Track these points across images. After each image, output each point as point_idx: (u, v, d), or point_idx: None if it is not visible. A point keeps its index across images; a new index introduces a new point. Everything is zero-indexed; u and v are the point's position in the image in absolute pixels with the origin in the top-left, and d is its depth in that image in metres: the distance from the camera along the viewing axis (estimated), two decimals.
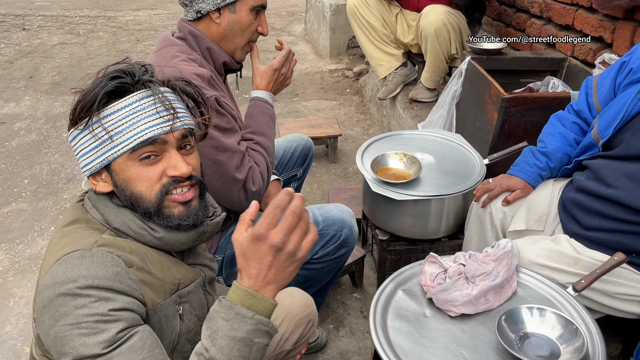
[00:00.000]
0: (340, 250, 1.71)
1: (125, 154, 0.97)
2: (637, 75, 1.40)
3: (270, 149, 1.63)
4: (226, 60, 1.61)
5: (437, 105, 2.61)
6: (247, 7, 1.54)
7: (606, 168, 1.44)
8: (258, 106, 1.65)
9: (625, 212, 1.37)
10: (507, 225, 1.68)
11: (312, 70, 4.87)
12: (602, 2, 2.07)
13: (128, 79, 0.98)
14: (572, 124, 1.67)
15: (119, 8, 7.18)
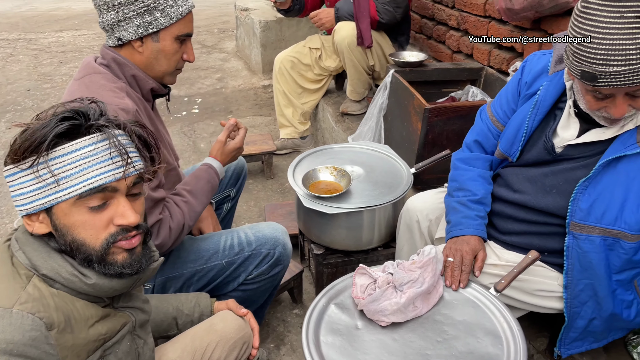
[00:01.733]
0: (274, 268, 1.71)
1: (71, 199, 0.92)
2: (531, 89, 1.48)
3: (194, 215, 1.57)
4: (154, 87, 1.56)
5: (366, 118, 2.68)
6: (171, 36, 1.50)
7: (512, 174, 1.52)
8: (208, 173, 1.65)
9: (532, 214, 1.45)
10: (434, 232, 1.74)
11: (245, 86, 4.86)
12: (510, 15, 2.21)
13: (82, 120, 0.93)
14: (481, 162, 1.63)
15: (41, 30, 6.89)
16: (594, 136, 1.32)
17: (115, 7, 1.43)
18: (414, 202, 1.81)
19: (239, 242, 1.67)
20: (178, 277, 1.62)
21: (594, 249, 1.31)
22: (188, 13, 1.52)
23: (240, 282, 1.68)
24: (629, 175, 1.26)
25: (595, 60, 1.12)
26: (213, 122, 4.11)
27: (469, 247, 1.44)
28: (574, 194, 1.33)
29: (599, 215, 1.29)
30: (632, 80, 1.11)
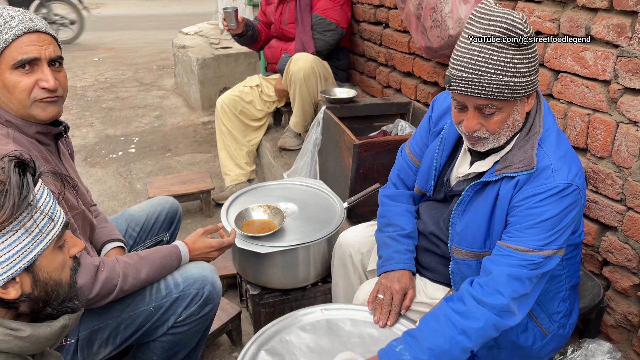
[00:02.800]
0: (204, 308, 1.67)
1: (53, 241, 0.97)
2: (438, 127, 1.57)
3: (133, 280, 1.52)
4: (39, 130, 1.46)
5: (301, 153, 2.71)
6: (7, 67, 1.36)
7: (425, 208, 1.61)
8: (168, 250, 1.62)
9: (436, 245, 1.54)
10: (366, 265, 1.77)
11: (184, 123, 4.82)
12: (430, 53, 2.32)
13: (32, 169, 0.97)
14: (406, 198, 1.68)
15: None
16: (475, 168, 1.41)
17: None
18: (345, 237, 1.83)
19: (165, 285, 1.63)
20: (104, 328, 1.55)
21: (472, 273, 1.39)
22: (16, 38, 1.36)
23: (170, 326, 1.63)
24: (490, 201, 1.35)
25: (454, 65, 1.24)
26: (151, 162, 4.03)
27: (399, 286, 1.48)
28: (451, 218, 1.42)
29: (470, 239, 1.38)
30: (475, 89, 1.21)
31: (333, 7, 3.04)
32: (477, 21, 1.22)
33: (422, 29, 2.24)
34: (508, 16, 1.18)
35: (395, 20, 2.86)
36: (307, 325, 1.46)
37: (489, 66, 1.19)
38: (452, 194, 1.48)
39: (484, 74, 1.19)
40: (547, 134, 1.31)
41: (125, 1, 12.61)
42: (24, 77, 1.37)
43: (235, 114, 3.35)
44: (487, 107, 1.24)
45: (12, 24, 1.35)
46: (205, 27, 6.27)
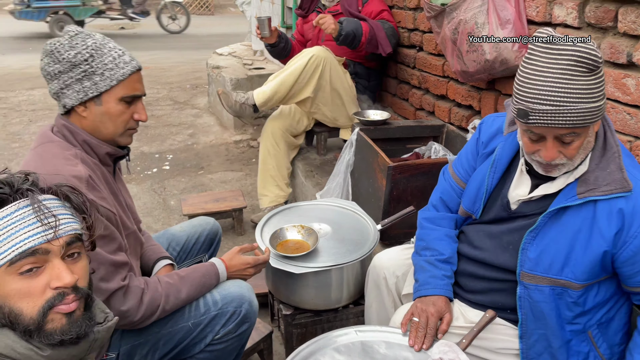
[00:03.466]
0: (241, 326, 1.69)
1: (2, 267, 0.91)
2: (488, 149, 1.57)
3: (174, 300, 1.57)
4: (109, 151, 1.57)
5: (334, 174, 2.73)
6: (115, 98, 1.50)
7: (474, 232, 1.57)
8: (206, 268, 1.67)
9: (492, 271, 1.50)
10: (401, 288, 1.76)
11: (217, 142, 4.91)
12: (465, 77, 2.33)
13: (6, 189, 0.95)
14: (447, 221, 1.66)
15: (11, 88, 6.89)
16: (542, 191, 1.39)
17: (57, 76, 1.46)
18: (380, 259, 1.83)
19: (204, 303, 1.66)
20: (144, 344, 1.59)
21: (544, 299, 1.36)
22: (131, 74, 1.52)
23: (207, 343, 1.66)
24: (573, 227, 1.33)
25: (528, 98, 1.22)
26: (184, 179, 4.12)
27: (434, 309, 1.46)
28: (522, 244, 1.39)
29: (546, 265, 1.35)
30: (559, 121, 1.20)
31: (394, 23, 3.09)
32: (543, 52, 1.21)
33: (458, 53, 2.25)
34: (581, 46, 1.18)
35: (430, 43, 2.88)
36: (341, 346, 1.46)
37: (569, 96, 1.19)
38: (514, 216, 1.46)
39: (565, 104, 1.19)
40: (623, 157, 1.31)
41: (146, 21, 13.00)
42: (126, 109, 1.54)
43: (282, 131, 3.32)
44: (568, 135, 1.24)
45: (125, 59, 1.51)
46: (238, 47, 6.42)
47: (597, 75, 1.21)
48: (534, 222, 1.39)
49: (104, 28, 13.20)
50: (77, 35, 1.48)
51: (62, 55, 1.45)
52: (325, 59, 3.00)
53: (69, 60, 1.45)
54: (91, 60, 1.46)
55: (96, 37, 1.50)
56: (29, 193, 0.96)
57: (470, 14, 2.11)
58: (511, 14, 2.05)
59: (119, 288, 1.43)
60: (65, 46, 1.45)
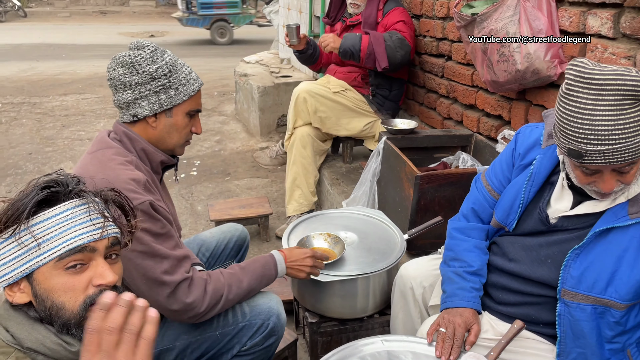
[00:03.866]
0: (268, 339, 1.70)
1: (51, 262, 0.96)
2: (525, 161, 1.53)
3: (236, 290, 1.60)
4: (163, 159, 1.64)
5: (360, 182, 2.73)
6: (183, 111, 1.60)
7: (508, 243, 1.54)
8: (265, 259, 1.71)
9: (527, 284, 1.47)
10: (428, 299, 1.75)
11: (243, 149, 4.96)
12: (495, 86, 2.31)
13: (60, 188, 1.00)
14: (478, 232, 1.64)
15: (45, 94, 7.09)
16: (587, 208, 1.36)
17: (132, 87, 1.53)
18: (407, 269, 1.82)
19: (233, 313, 1.67)
20: (171, 350, 1.61)
21: (586, 318, 1.32)
22: (198, 91, 1.63)
23: (233, 354, 1.67)
24: (620, 246, 1.29)
25: (580, 139, 1.18)
26: (211, 184, 4.17)
27: (461, 320, 1.44)
28: (565, 261, 1.36)
29: (590, 283, 1.31)
30: (617, 158, 1.17)
31: (409, 34, 3.08)
32: (585, 87, 1.16)
33: (488, 63, 2.24)
34: (624, 76, 1.13)
35: (459, 53, 2.87)
36: (367, 356, 1.45)
37: (623, 132, 1.15)
38: (553, 230, 1.44)
39: (621, 142, 1.15)
40: None
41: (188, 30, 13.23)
42: (189, 122, 1.64)
43: (312, 137, 3.34)
44: (625, 167, 1.21)
45: (194, 76, 1.63)
46: (266, 56, 6.49)
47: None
48: (577, 237, 1.37)
49: (134, 36, 13.50)
50: (157, 50, 1.56)
51: (143, 68, 1.52)
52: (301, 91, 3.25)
53: (149, 73, 1.52)
54: (169, 75, 1.55)
55: (169, 53, 1.60)
56: (83, 193, 1.02)
57: (502, 23, 2.09)
58: (543, 24, 2.03)
59: (184, 280, 1.48)
60: (147, 60, 1.52)
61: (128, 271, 1.45)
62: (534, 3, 2.06)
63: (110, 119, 5.97)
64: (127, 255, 1.41)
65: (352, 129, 3.34)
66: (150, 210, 1.45)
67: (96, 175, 1.42)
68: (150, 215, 1.45)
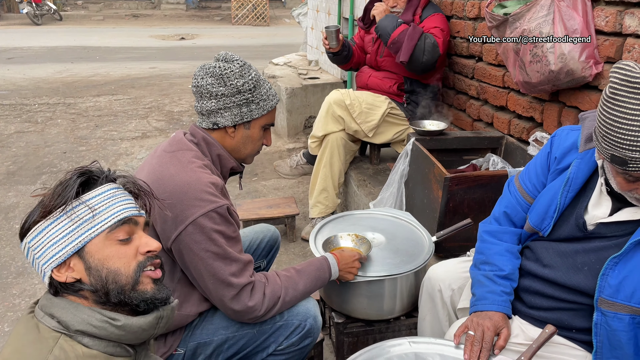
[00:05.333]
0: (304, 340, 1.71)
1: (103, 233, 1.05)
2: (561, 165, 1.50)
3: (293, 292, 1.66)
4: (234, 166, 1.71)
5: (387, 184, 2.72)
6: (260, 125, 1.68)
7: (542, 249, 1.51)
8: (320, 262, 1.77)
9: (561, 291, 1.43)
10: (457, 302, 1.73)
11: (270, 149, 5.00)
12: (527, 87, 2.27)
13: (96, 174, 1.11)
14: (510, 236, 1.61)
15: (80, 95, 7.28)
16: (627, 215, 1.33)
17: (217, 97, 1.59)
18: (435, 271, 1.81)
19: None
20: (209, 343, 1.63)
21: (623, 328, 1.29)
22: (275, 107, 1.72)
23: (269, 353, 1.69)
24: None
25: (625, 146, 1.15)
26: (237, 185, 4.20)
27: (491, 323, 1.42)
28: (603, 269, 1.32)
29: (628, 293, 1.28)
30: None
31: (443, 40, 3.03)
32: (631, 92, 1.13)
33: (521, 64, 2.20)
34: None
35: (490, 53, 2.83)
36: (394, 357, 1.44)
37: None
38: (590, 237, 1.40)
39: None
40: None
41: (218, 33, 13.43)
42: (262, 135, 1.74)
43: (345, 140, 3.33)
44: None
45: (273, 92, 1.71)
46: (293, 58, 6.52)
47: None
48: (615, 245, 1.33)
49: (165, 38, 13.76)
50: (245, 65, 1.63)
51: (231, 82, 1.59)
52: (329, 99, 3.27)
53: (236, 86, 1.59)
54: (254, 90, 1.62)
55: (255, 69, 1.67)
56: (117, 178, 1.14)
57: (535, 23, 2.06)
58: (578, 24, 1.99)
59: (248, 283, 1.55)
60: (236, 74, 1.59)
61: (198, 270, 1.52)
62: (569, 3, 2.02)
63: (141, 119, 6.09)
64: (200, 254, 1.49)
65: (383, 138, 3.32)
66: (227, 214, 1.53)
67: (177, 175, 1.52)
68: (226, 219, 1.53)
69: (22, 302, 2.78)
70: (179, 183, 1.50)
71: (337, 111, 3.23)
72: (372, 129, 3.23)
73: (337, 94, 3.26)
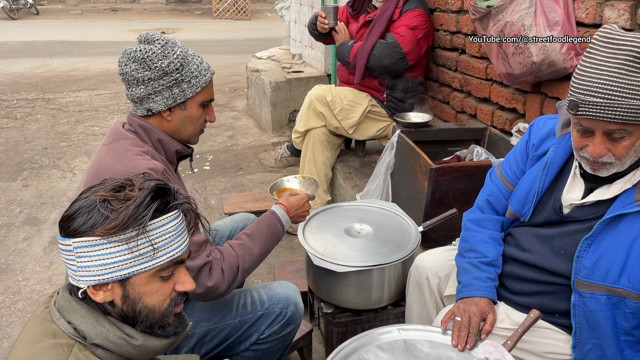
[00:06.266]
0: (286, 328, 1.72)
1: (152, 270, 1.01)
2: (539, 151, 1.55)
3: (250, 258, 1.61)
4: (178, 149, 1.65)
5: (374, 176, 2.74)
6: (197, 103, 1.61)
7: (522, 234, 1.55)
8: (268, 219, 1.70)
9: (541, 273, 1.47)
10: (443, 290, 1.76)
11: (255, 143, 4.99)
12: (510, 79, 2.31)
13: (169, 197, 1.03)
14: (493, 223, 1.66)
15: (59, 90, 7.17)
16: (597, 196, 1.37)
17: (145, 82, 1.53)
18: (423, 260, 1.84)
19: (251, 301, 1.70)
20: (191, 336, 1.64)
21: (600, 308, 1.33)
22: (210, 81, 1.64)
23: (252, 342, 1.69)
24: (630, 235, 1.30)
25: (581, 90, 1.22)
26: (224, 179, 4.20)
27: (477, 309, 1.45)
28: (577, 251, 1.36)
29: (602, 273, 1.32)
30: (607, 114, 1.19)
31: (409, 38, 3.06)
32: (603, 44, 1.21)
33: (504, 56, 2.24)
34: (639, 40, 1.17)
35: (473, 46, 2.86)
36: (384, 344, 1.46)
37: (623, 90, 1.18)
38: (566, 220, 1.45)
39: (617, 99, 1.18)
40: None
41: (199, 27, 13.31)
42: (203, 113, 1.65)
43: (327, 135, 3.35)
44: (617, 131, 1.23)
45: (205, 66, 1.61)
46: (277, 51, 6.50)
47: None
48: (588, 227, 1.37)
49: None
50: (167, 44, 1.55)
51: (155, 64, 1.51)
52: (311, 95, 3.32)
53: (161, 68, 1.52)
54: (181, 69, 1.55)
55: (179, 45, 1.59)
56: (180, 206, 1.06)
57: (517, 15, 2.09)
58: (560, 16, 2.03)
59: (205, 264, 1.50)
60: (158, 55, 1.52)
61: None
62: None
63: (123, 114, 6.02)
64: None
65: (365, 135, 3.38)
66: None
67: (114, 166, 1.45)
68: None
69: (7, 299, 2.74)
70: (115, 173, 1.42)
71: (318, 107, 3.25)
72: (352, 127, 3.27)
73: (319, 90, 3.28)
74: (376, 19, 3.18)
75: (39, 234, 3.38)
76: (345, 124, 3.26)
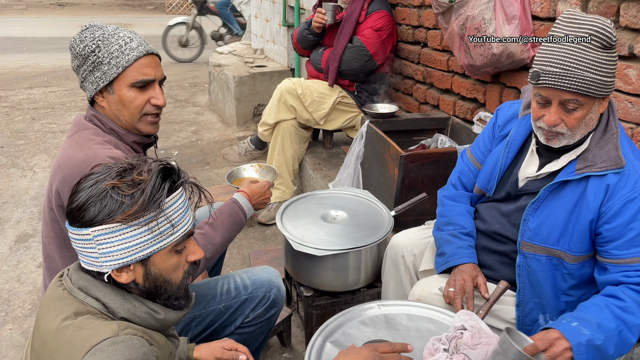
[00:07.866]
0: (270, 310, 1.78)
1: (169, 246, 1.07)
2: (504, 132, 1.69)
3: (211, 247, 1.61)
4: (135, 140, 1.63)
5: (344, 165, 2.83)
6: (125, 84, 1.52)
7: (485, 208, 1.70)
8: (230, 207, 1.70)
9: (500, 244, 1.62)
10: (418, 265, 1.87)
11: (220, 138, 4.99)
12: (471, 70, 2.45)
13: (175, 177, 1.09)
14: (465, 198, 1.79)
15: (10, 87, 6.90)
16: (548, 168, 1.51)
17: (77, 70, 1.55)
18: (398, 239, 1.94)
19: (235, 287, 1.75)
20: (176, 325, 1.67)
21: (541, 268, 1.48)
22: (137, 59, 1.52)
23: (237, 326, 1.74)
24: (570, 201, 1.44)
25: (543, 61, 1.36)
26: (191, 174, 4.18)
27: (467, 275, 1.57)
28: (524, 215, 1.51)
29: (544, 235, 1.47)
30: (565, 83, 1.32)
31: (374, 40, 3.17)
32: (565, 23, 1.35)
33: (465, 48, 2.37)
34: (598, 21, 1.31)
35: (434, 39, 2.99)
36: (366, 319, 1.55)
37: (579, 63, 1.31)
38: (520, 193, 1.58)
39: (574, 70, 1.31)
40: (621, 138, 1.42)
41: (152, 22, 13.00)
42: (139, 95, 1.54)
43: (295, 127, 3.42)
44: (571, 102, 1.35)
45: (132, 45, 1.51)
46: (238, 46, 6.50)
47: (609, 53, 1.32)
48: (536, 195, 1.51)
49: None
50: (87, 29, 1.53)
51: (75, 50, 1.52)
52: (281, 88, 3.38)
53: (80, 54, 1.51)
54: (97, 51, 1.49)
55: (107, 29, 1.53)
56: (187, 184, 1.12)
57: (478, 10, 2.22)
58: (517, 10, 2.17)
59: None
60: (76, 40, 1.52)
61: None
62: None
63: (81, 110, 5.87)
64: None
65: (333, 125, 3.48)
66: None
67: (75, 156, 1.44)
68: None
69: None
70: (76, 163, 1.42)
71: (289, 100, 3.32)
72: (323, 117, 3.37)
73: (289, 83, 3.34)
74: (344, 22, 3.26)
75: (3, 233, 3.29)
76: (316, 116, 3.35)
